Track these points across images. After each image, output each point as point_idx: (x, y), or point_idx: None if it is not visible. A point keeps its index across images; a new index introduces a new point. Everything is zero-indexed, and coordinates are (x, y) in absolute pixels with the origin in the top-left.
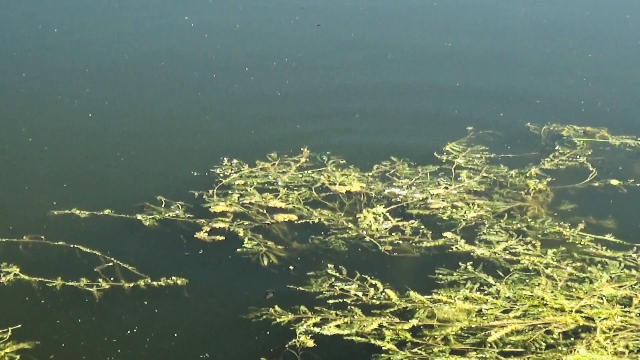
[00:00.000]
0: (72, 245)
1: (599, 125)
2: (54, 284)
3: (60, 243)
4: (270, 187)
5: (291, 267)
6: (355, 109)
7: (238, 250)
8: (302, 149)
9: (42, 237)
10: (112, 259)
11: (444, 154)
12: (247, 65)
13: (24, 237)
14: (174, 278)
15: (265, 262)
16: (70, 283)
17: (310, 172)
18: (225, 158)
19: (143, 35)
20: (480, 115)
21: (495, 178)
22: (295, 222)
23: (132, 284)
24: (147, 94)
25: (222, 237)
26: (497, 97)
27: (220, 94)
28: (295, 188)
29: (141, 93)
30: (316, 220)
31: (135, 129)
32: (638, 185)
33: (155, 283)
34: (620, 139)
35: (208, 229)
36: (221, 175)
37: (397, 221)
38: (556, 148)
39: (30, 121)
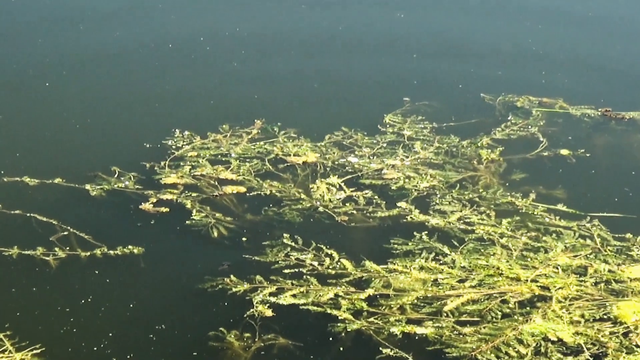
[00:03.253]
0: (28, 214)
1: (556, 97)
2: (10, 253)
3: (17, 212)
4: (223, 159)
5: (244, 239)
6: (305, 81)
7: (187, 222)
8: (255, 120)
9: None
10: (68, 227)
11: (389, 125)
12: (202, 35)
13: None
14: (130, 247)
15: (215, 234)
16: (26, 252)
17: (262, 143)
18: (177, 130)
19: (98, 4)
20: (438, 87)
21: (447, 148)
22: (247, 194)
23: (88, 253)
24: (103, 64)
25: (167, 209)
26: (458, 70)
27: (175, 65)
28: (248, 160)
29: (98, 63)
30: (268, 192)
31: (91, 99)
32: (588, 155)
33: (111, 252)
34: (580, 110)
35: (155, 200)
36: (173, 147)
37: (351, 191)
38: (509, 118)
39: None
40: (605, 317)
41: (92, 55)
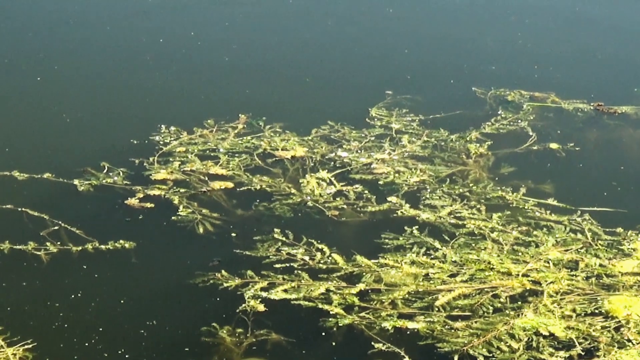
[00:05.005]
0: (19, 209)
1: (548, 91)
2: (1, 248)
3: (9, 206)
4: (212, 154)
5: (233, 234)
6: (287, 75)
7: (173, 218)
8: (239, 115)
9: None
10: (60, 222)
11: (376, 119)
12: (194, 30)
13: None
14: (121, 241)
15: (201, 230)
16: (17, 247)
17: (249, 138)
18: (162, 125)
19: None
20: (429, 82)
21: (436, 142)
22: (237, 189)
23: (79, 248)
24: (94, 59)
25: (152, 205)
26: (450, 65)
27: (166, 59)
28: (236, 155)
29: (89, 58)
30: (258, 187)
31: (81, 93)
32: (577, 149)
33: (103, 247)
34: (572, 104)
35: (141, 195)
36: (161, 142)
37: (341, 186)
38: (499, 112)
39: None
40: (596, 311)
41: (84, 50)
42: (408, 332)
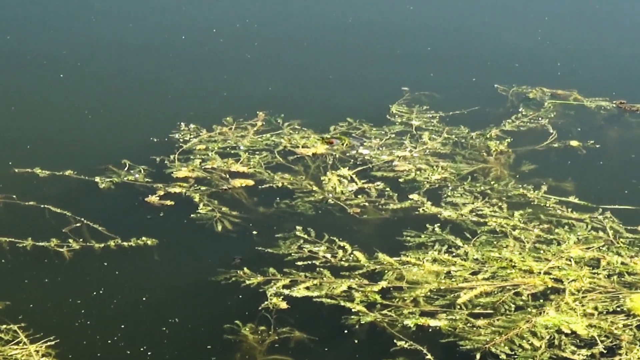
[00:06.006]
0: (42, 206)
1: (571, 88)
2: (24, 244)
3: (31, 203)
4: (232, 152)
5: (254, 232)
6: (305, 72)
7: (192, 215)
8: (257, 112)
9: (14, 196)
10: (82, 219)
11: (397, 116)
12: (216, 27)
13: None
14: (144, 238)
15: (219, 228)
16: (40, 243)
17: (268, 135)
18: (182, 123)
19: None
20: (450, 78)
21: (456, 139)
22: (259, 187)
23: (102, 245)
24: (117, 56)
25: (172, 202)
26: (472, 61)
27: (187, 57)
28: (257, 152)
29: (112, 55)
30: (280, 185)
31: (103, 91)
32: (598, 146)
33: (125, 244)
34: (595, 102)
35: (162, 193)
36: (180, 140)
37: (363, 183)
38: (519, 110)
39: None
40: (618, 309)
41: (106, 47)
42: (430, 330)
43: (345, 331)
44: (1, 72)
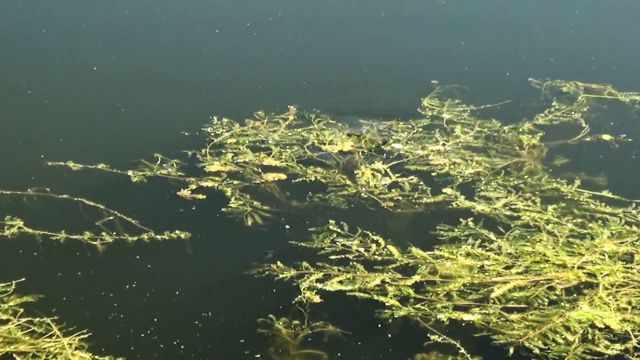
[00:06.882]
0: (75, 199)
1: (605, 83)
2: (58, 237)
3: (65, 196)
4: (263, 146)
5: (287, 226)
6: (339, 66)
7: (223, 209)
8: (288, 106)
9: (48, 189)
10: (115, 212)
11: (428, 109)
12: (250, 21)
13: (29, 190)
14: (177, 232)
15: (249, 222)
16: (73, 236)
17: (300, 130)
18: (214, 117)
19: None
20: (484, 73)
21: (489, 133)
22: (292, 181)
23: (135, 238)
24: (151, 48)
25: (204, 196)
26: (506, 56)
27: (220, 51)
28: (288, 146)
29: (146, 47)
30: (312, 179)
31: (136, 84)
32: (630, 140)
33: (158, 237)
34: (629, 96)
35: (194, 187)
36: (212, 134)
37: (396, 177)
38: (553, 104)
39: (31, 75)
40: None
41: (140, 41)
42: (463, 324)
43: (379, 325)
44: (35, 66)
